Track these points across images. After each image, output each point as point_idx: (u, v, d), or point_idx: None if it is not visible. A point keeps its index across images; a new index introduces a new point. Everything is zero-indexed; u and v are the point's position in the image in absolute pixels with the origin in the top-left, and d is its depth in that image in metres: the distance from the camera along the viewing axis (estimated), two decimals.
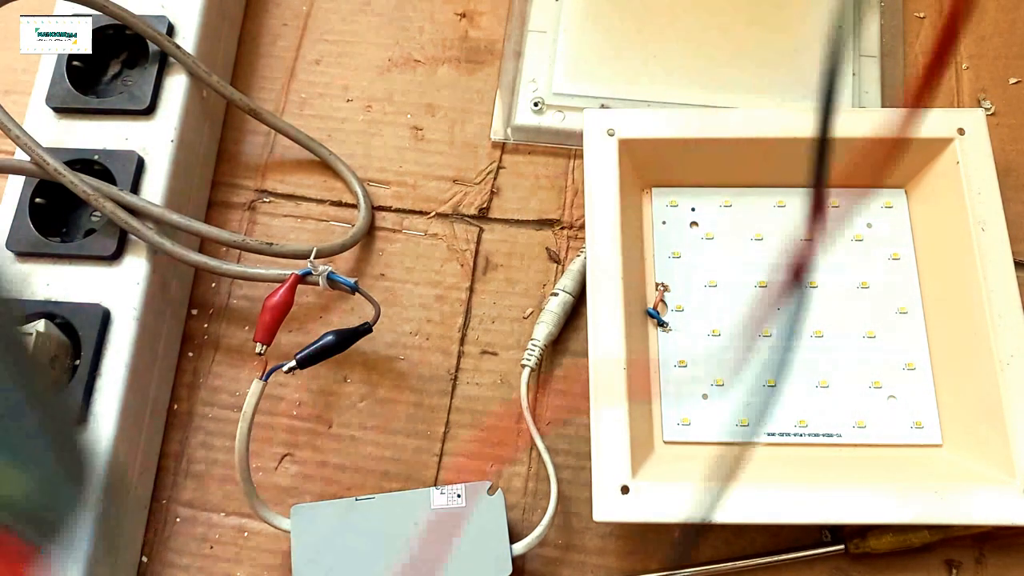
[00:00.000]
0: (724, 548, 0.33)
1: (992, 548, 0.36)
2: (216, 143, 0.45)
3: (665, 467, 0.35)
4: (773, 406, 0.37)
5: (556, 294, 0.40)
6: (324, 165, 0.44)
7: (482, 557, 0.34)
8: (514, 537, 0.35)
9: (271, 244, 0.39)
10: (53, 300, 0.36)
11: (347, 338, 0.37)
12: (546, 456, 0.37)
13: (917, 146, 0.39)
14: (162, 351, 0.39)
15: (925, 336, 0.39)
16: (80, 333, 0.35)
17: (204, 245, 0.43)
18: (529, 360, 0.38)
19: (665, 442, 0.37)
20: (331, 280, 0.37)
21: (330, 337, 0.36)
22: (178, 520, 0.39)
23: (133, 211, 0.37)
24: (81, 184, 0.36)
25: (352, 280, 0.37)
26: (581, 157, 0.43)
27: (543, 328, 0.39)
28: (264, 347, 0.36)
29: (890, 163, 0.24)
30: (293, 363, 0.36)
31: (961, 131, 0.38)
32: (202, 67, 0.41)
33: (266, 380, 0.35)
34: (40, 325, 0.34)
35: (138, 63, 0.41)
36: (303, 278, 0.37)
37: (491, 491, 0.36)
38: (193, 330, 0.42)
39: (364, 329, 0.37)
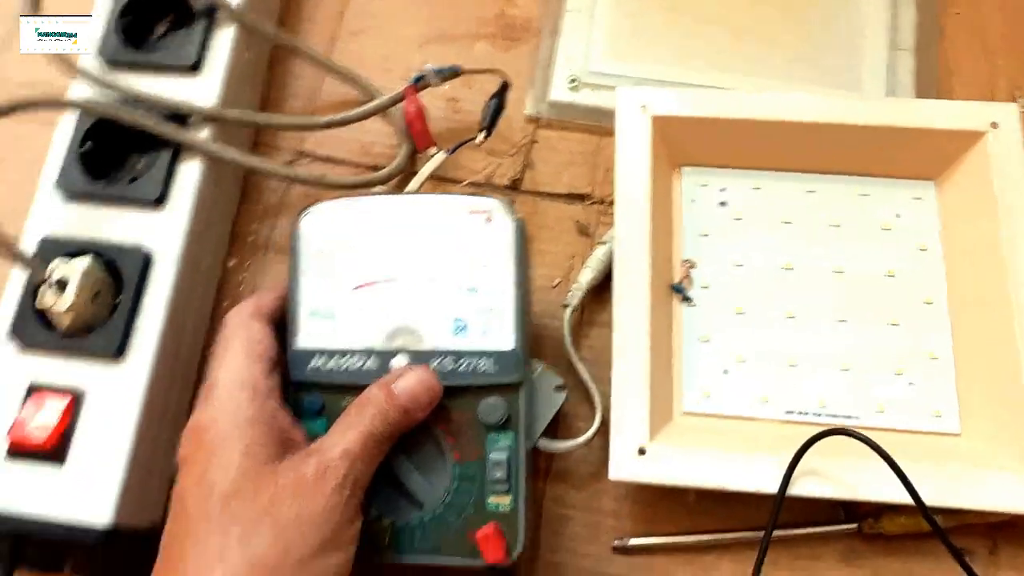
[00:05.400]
0: (737, 519, 0.34)
1: (1005, 539, 0.36)
2: (256, 105, 0.46)
3: (683, 435, 0.36)
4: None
5: (603, 243, 0.41)
6: (361, 121, 0.43)
7: None
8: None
9: (323, 176, 0.42)
10: (98, 241, 0.37)
11: (500, 94, 0.42)
12: (589, 380, 0.38)
13: (948, 138, 0.39)
14: (200, 296, 0.40)
15: (949, 327, 0.39)
16: (123, 273, 0.36)
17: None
18: (572, 300, 0.40)
19: (685, 413, 0.38)
20: (439, 73, 0.41)
21: (493, 101, 0.42)
22: None
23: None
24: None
25: (451, 65, 0.41)
26: (614, 135, 0.44)
27: (588, 273, 0.40)
28: (434, 147, 0.41)
29: None
30: (482, 133, 0.41)
31: (994, 125, 0.39)
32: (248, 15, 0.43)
33: (452, 152, 0.41)
34: (86, 261, 0.35)
35: (184, 25, 0.42)
36: (416, 87, 0.41)
37: (558, 388, 0.36)
38: (230, 277, 0.43)
39: (504, 86, 0.42)
